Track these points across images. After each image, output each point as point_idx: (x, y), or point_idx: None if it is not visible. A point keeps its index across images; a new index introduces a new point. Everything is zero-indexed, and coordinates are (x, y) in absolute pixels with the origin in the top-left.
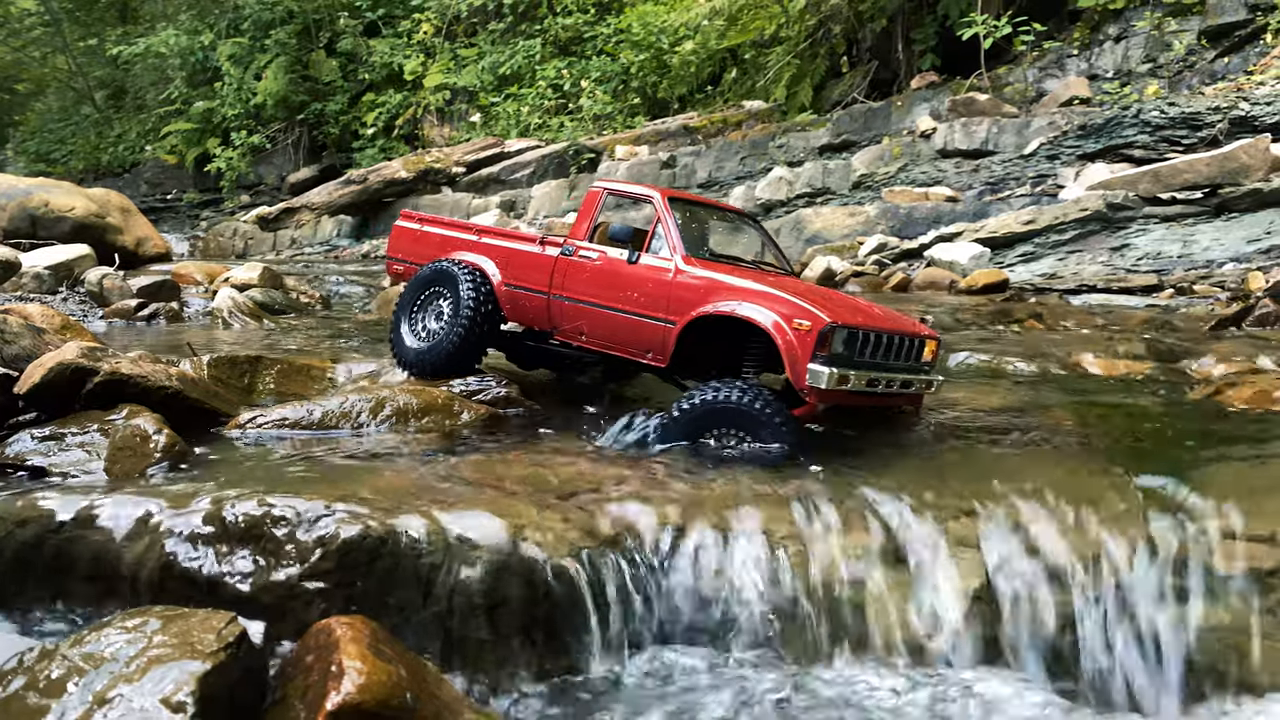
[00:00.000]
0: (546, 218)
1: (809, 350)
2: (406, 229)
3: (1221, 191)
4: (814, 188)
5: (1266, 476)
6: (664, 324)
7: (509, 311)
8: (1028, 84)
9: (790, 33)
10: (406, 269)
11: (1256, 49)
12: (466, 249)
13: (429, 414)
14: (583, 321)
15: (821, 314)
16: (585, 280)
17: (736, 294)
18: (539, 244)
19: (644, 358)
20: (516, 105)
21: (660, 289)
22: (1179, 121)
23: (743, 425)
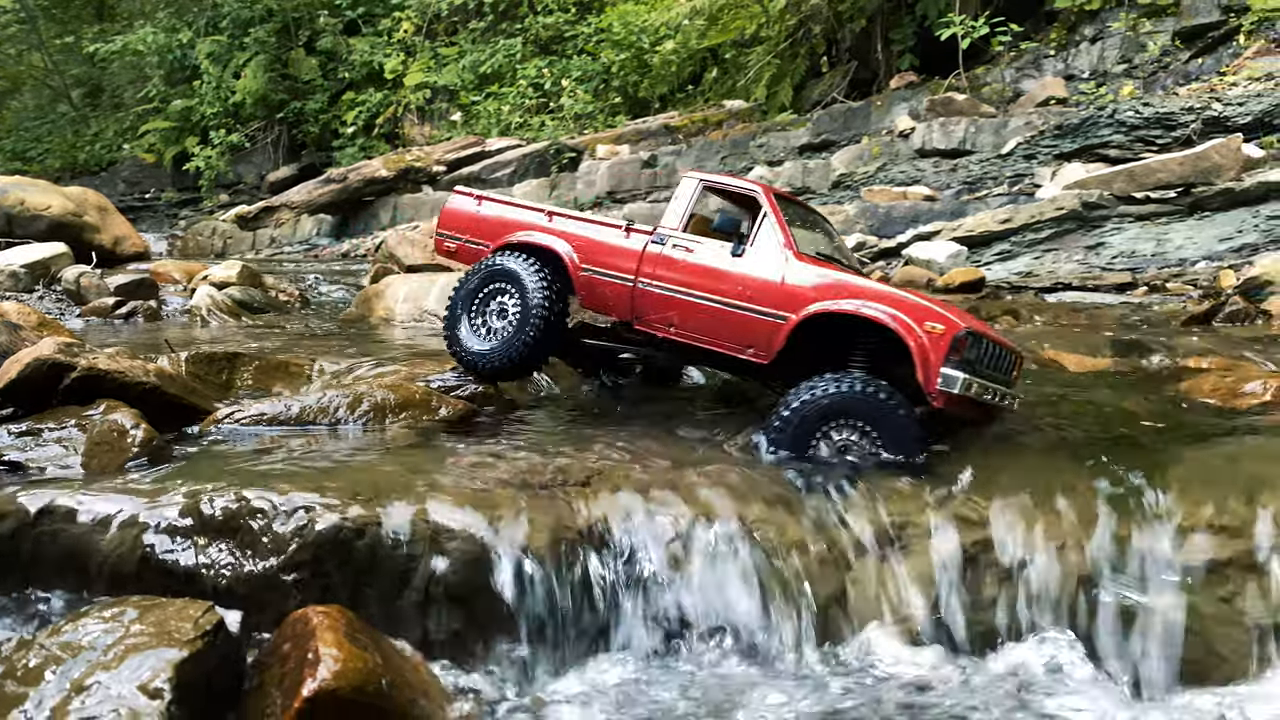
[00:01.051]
0: None
1: (941, 354)
2: (462, 206)
3: (1194, 191)
4: (794, 187)
5: (1228, 469)
6: (773, 319)
7: (584, 298)
8: (1005, 84)
9: (770, 32)
10: (461, 247)
11: (1229, 50)
12: (536, 230)
13: (407, 409)
14: (674, 312)
15: (953, 318)
16: (681, 270)
17: (858, 293)
18: (624, 231)
19: (743, 353)
20: (497, 104)
21: (771, 283)
22: (1153, 122)
23: (868, 419)
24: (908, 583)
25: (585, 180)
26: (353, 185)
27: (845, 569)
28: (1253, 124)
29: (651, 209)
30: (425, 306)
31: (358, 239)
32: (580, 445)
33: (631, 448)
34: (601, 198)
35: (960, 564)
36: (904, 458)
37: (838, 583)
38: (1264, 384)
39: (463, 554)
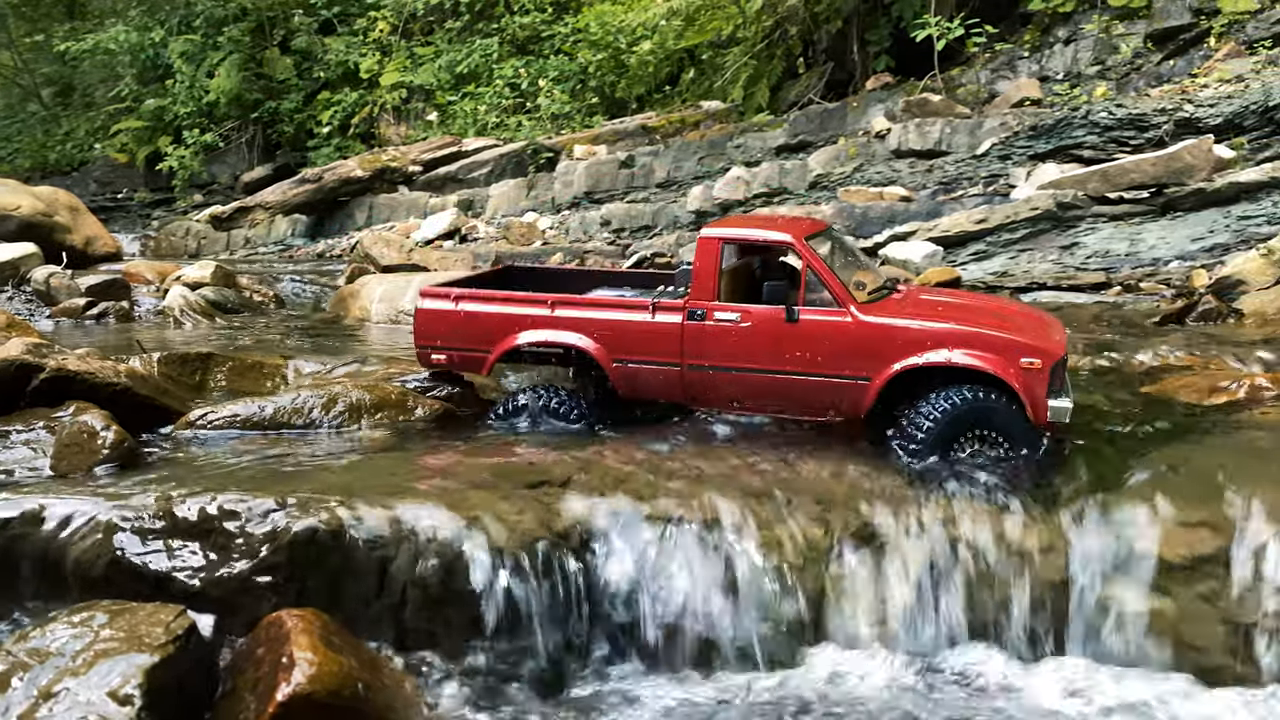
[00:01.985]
0: (505, 216)
1: (1044, 386)
2: (437, 307)
3: (1167, 191)
4: (771, 187)
5: (1201, 466)
6: (856, 381)
7: (623, 390)
8: (980, 85)
9: (747, 34)
10: (453, 358)
11: (1200, 52)
12: (545, 326)
13: (382, 410)
14: (736, 389)
15: (1042, 345)
16: (735, 345)
17: (939, 339)
18: (650, 310)
19: (824, 415)
20: (474, 104)
21: (842, 345)
22: (1126, 123)
23: (998, 429)
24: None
25: (563, 180)
26: (328, 185)
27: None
28: (1223, 125)
29: (629, 209)
30: (401, 307)
31: (333, 239)
32: (558, 446)
33: (606, 448)
34: (579, 198)
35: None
36: (1029, 456)
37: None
38: (1236, 382)
39: (439, 556)
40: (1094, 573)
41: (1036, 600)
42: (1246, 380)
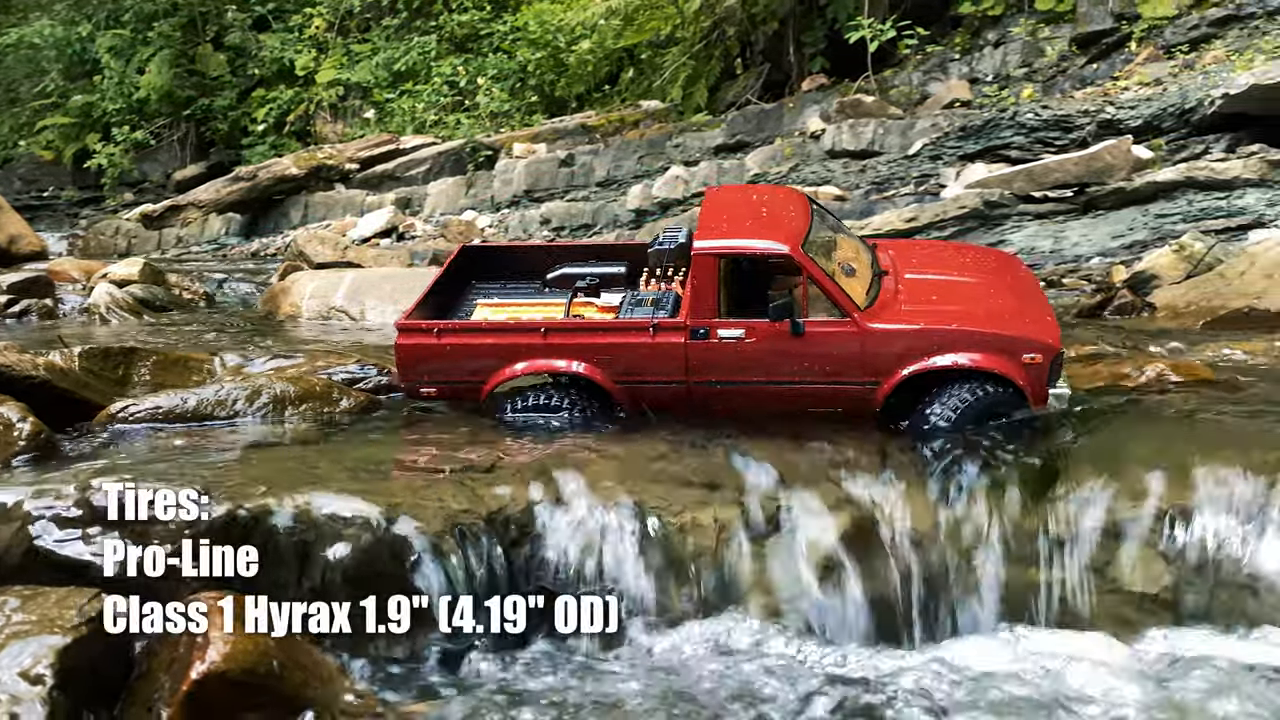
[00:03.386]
0: (443, 215)
1: (1045, 377)
2: (417, 341)
3: (1089, 190)
4: (709, 186)
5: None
6: (864, 386)
7: (630, 406)
8: (912, 87)
9: (685, 34)
10: (443, 390)
11: (1122, 56)
12: (541, 355)
13: (307, 401)
14: (743, 402)
15: (1043, 340)
16: (742, 362)
17: (946, 342)
18: (651, 331)
19: (832, 410)
20: (412, 102)
21: (849, 353)
22: (1051, 124)
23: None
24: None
25: (502, 179)
26: (263, 183)
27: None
28: (1143, 127)
29: (569, 207)
30: (333, 303)
31: (268, 238)
32: (484, 433)
33: (532, 434)
34: (519, 196)
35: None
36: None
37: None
38: (1140, 370)
39: (359, 540)
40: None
41: (937, 578)
42: (1152, 367)
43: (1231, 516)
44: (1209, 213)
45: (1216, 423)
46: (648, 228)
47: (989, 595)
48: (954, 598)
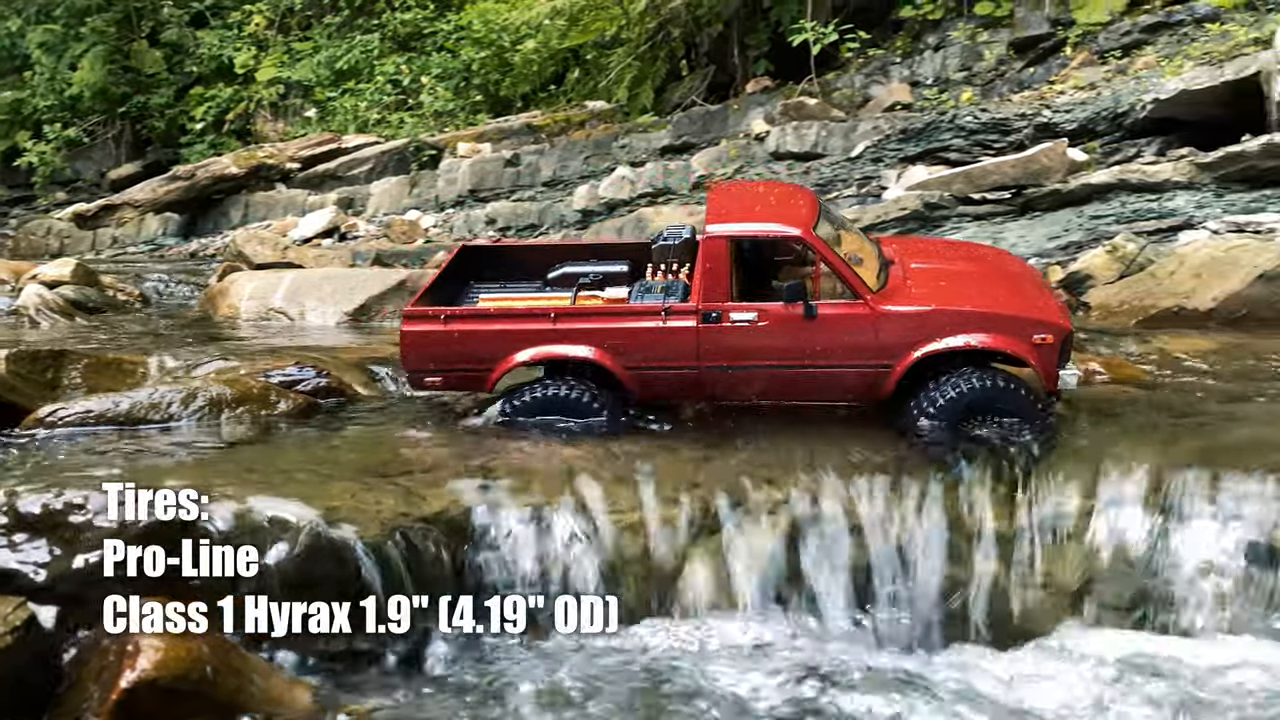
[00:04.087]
0: (387, 215)
1: (1055, 358)
2: (424, 328)
3: (1026, 192)
4: (655, 187)
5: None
6: (878, 369)
7: (640, 394)
8: (854, 90)
9: (631, 34)
10: (450, 379)
11: (1058, 60)
12: (550, 340)
13: (244, 404)
14: (756, 385)
15: (1053, 320)
16: (755, 345)
17: (958, 323)
18: (662, 315)
19: (843, 400)
20: (354, 101)
21: (862, 335)
22: (990, 126)
23: (1008, 412)
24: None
25: (447, 178)
26: (201, 183)
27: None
28: (1078, 130)
29: (515, 207)
30: (272, 304)
31: (207, 238)
32: (424, 435)
33: (474, 434)
34: (464, 196)
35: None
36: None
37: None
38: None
39: (296, 543)
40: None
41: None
42: (1081, 365)
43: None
44: (1141, 214)
45: (1142, 420)
46: (594, 228)
47: (925, 593)
48: (895, 595)
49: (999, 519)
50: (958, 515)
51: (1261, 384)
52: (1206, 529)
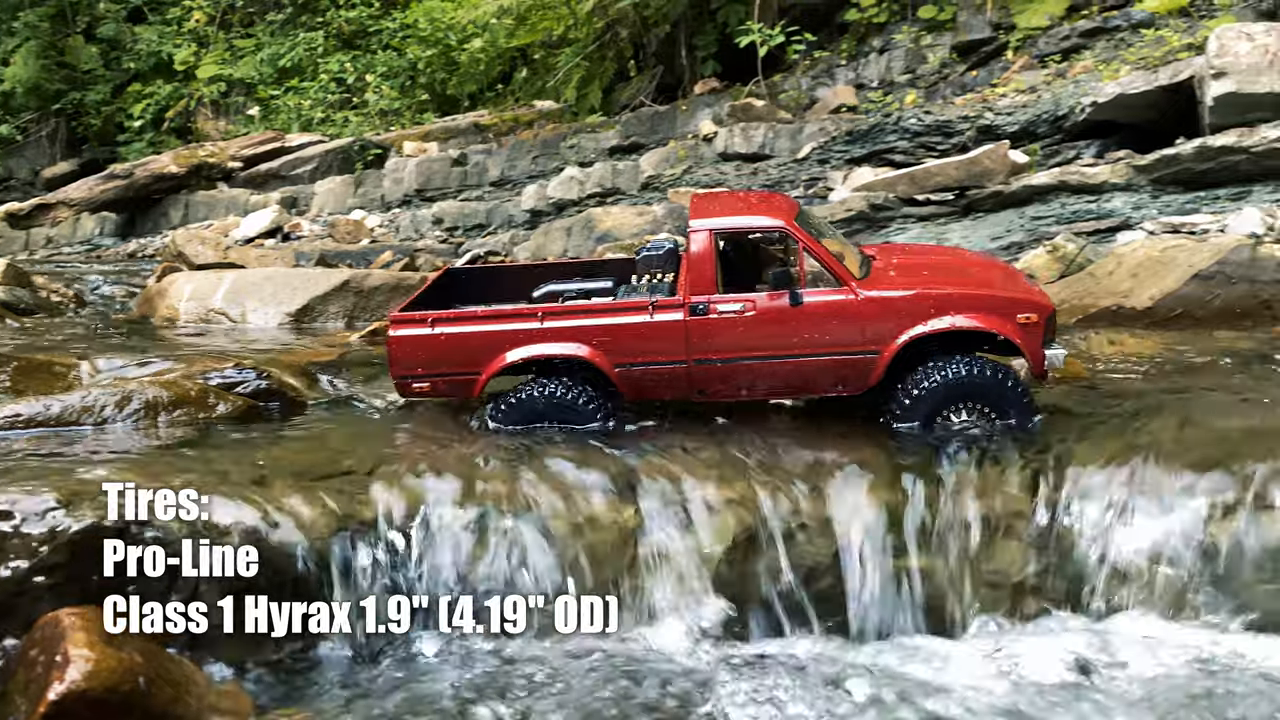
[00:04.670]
0: (331, 214)
1: (1040, 338)
2: (411, 333)
3: (969, 193)
4: (604, 187)
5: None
6: (864, 356)
7: (629, 393)
8: (801, 91)
9: (579, 34)
10: (438, 384)
11: (1000, 64)
12: (538, 340)
13: (181, 407)
14: (746, 377)
15: (1037, 300)
16: (742, 336)
17: (942, 305)
18: (649, 309)
19: (833, 391)
20: (298, 99)
21: (849, 322)
22: (933, 129)
23: (991, 402)
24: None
25: (393, 178)
26: (140, 181)
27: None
28: (1019, 132)
29: (462, 207)
30: (212, 305)
31: (146, 238)
32: (367, 437)
33: (415, 435)
34: (410, 195)
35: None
36: (1020, 427)
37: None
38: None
39: (236, 549)
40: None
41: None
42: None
43: (1092, 507)
44: (1080, 215)
45: (1083, 416)
46: (543, 228)
47: (868, 588)
48: (842, 591)
49: (935, 513)
50: (899, 511)
51: (1195, 379)
52: (1142, 522)
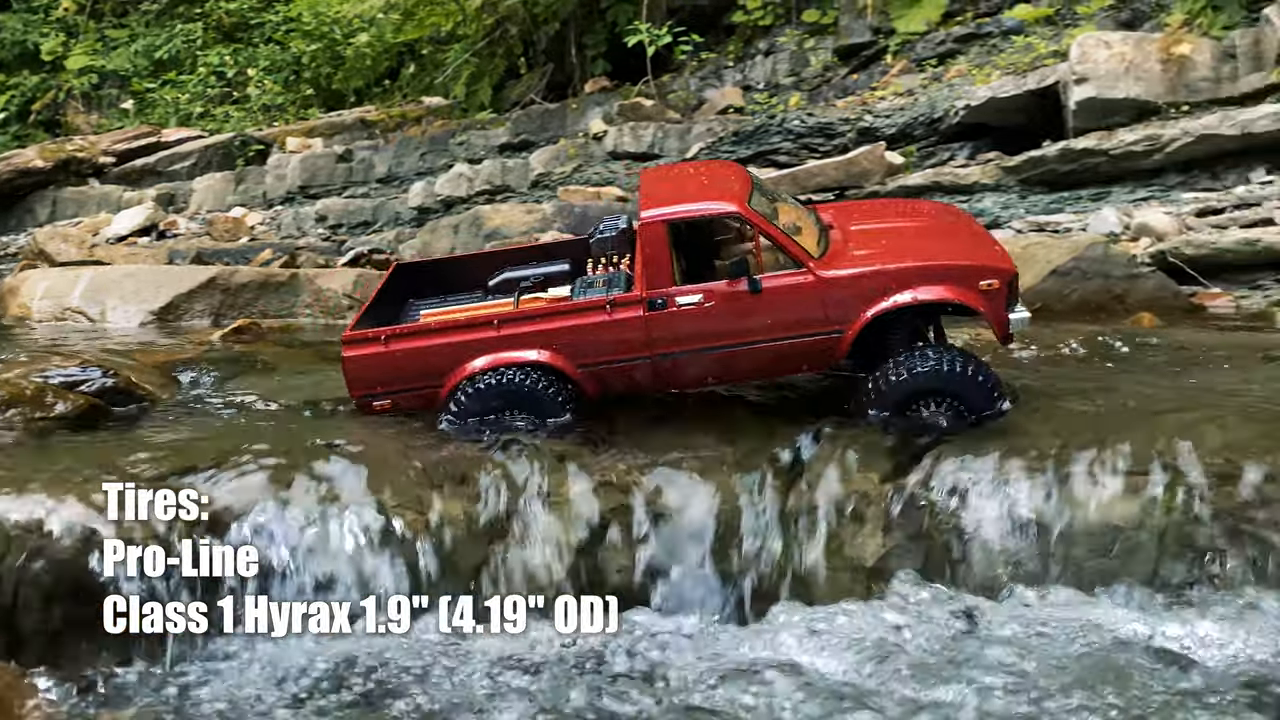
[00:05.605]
0: (210, 212)
1: (1003, 302)
2: (365, 352)
3: (849, 193)
4: (494, 185)
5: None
6: (828, 336)
7: (593, 392)
8: (690, 92)
9: (468, 31)
10: (399, 400)
11: (879, 68)
12: (498, 348)
13: (14, 406)
14: (709, 368)
15: (996, 265)
16: (704, 327)
17: (903, 279)
18: (607, 308)
19: (799, 371)
20: (176, 93)
21: (809, 303)
22: (816, 130)
23: (957, 396)
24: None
25: (275, 174)
26: (2, 176)
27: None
28: (897, 134)
29: (347, 204)
30: (68, 303)
31: (9, 236)
32: (214, 434)
33: (259, 431)
34: (293, 192)
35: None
36: (986, 416)
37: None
38: None
39: (55, 553)
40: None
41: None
42: None
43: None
44: None
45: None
46: (429, 226)
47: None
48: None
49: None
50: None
51: (1052, 369)
52: (985, 504)
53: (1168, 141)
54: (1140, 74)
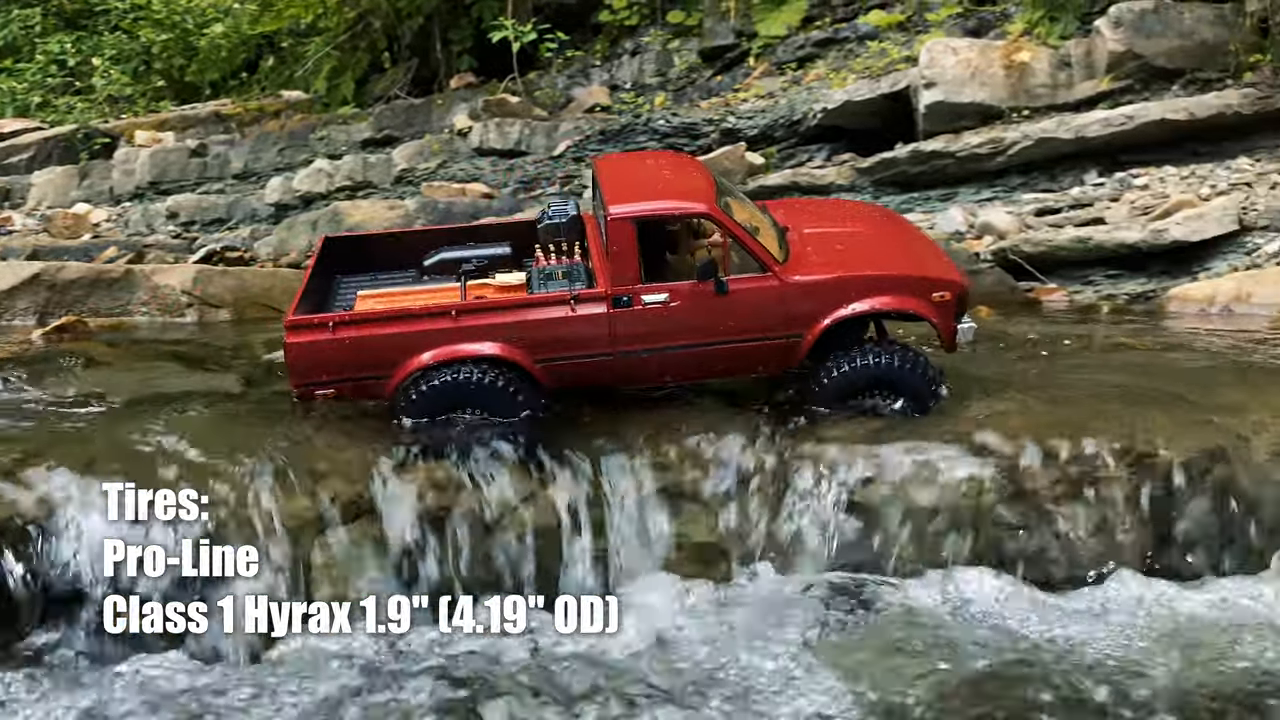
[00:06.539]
0: (51, 208)
1: (952, 314)
2: (311, 339)
3: None
4: (355, 181)
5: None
6: (788, 340)
7: (552, 384)
8: (557, 90)
9: (330, 24)
10: (343, 389)
11: (742, 70)
12: (454, 340)
13: None
14: (670, 367)
15: (949, 278)
16: (668, 326)
17: (864, 288)
18: (570, 304)
19: (756, 373)
20: (12, 82)
21: (773, 307)
22: (681, 130)
23: (899, 389)
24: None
25: (123, 169)
26: None
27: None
28: (758, 135)
29: (200, 200)
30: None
31: None
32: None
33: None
34: (143, 188)
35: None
36: (922, 411)
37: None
38: None
39: None
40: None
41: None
42: None
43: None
44: None
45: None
46: (287, 222)
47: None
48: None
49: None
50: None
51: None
52: (811, 488)
53: (1009, 145)
54: (985, 80)
